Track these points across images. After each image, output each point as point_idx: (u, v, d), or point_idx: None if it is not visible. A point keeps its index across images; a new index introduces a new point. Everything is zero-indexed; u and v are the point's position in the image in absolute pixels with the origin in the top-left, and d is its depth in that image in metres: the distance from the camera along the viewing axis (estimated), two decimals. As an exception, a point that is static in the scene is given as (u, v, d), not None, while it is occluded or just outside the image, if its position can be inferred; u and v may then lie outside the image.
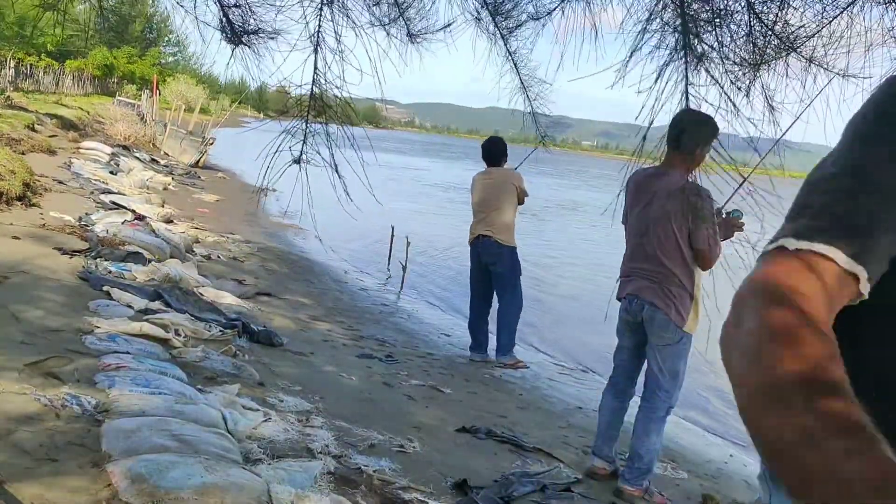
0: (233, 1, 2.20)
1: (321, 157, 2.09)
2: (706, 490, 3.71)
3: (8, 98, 19.52)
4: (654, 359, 3.34)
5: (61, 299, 4.12)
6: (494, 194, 5.50)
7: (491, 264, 5.58)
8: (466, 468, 3.25)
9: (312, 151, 2.10)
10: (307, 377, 4.16)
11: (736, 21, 1.92)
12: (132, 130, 19.73)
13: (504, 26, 2.49)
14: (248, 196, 15.36)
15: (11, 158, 7.44)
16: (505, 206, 5.49)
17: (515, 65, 2.54)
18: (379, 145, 2.37)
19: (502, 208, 5.49)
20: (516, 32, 2.52)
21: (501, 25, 2.49)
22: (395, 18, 2.41)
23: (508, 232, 5.53)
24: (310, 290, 7.40)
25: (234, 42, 2.23)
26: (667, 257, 3.19)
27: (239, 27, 2.22)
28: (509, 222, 5.53)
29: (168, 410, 2.75)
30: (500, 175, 5.57)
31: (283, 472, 2.53)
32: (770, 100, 1.91)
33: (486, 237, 5.51)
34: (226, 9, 2.20)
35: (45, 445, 2.32)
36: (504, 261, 5.55)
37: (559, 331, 7.82)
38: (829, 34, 1.92)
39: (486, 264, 5.61)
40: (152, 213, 8.24)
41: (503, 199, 5.49)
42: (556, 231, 13.28)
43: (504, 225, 5.51)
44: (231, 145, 23.81)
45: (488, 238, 5.50)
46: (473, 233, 5.63)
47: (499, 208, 5.49)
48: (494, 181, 5.54)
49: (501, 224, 5.50)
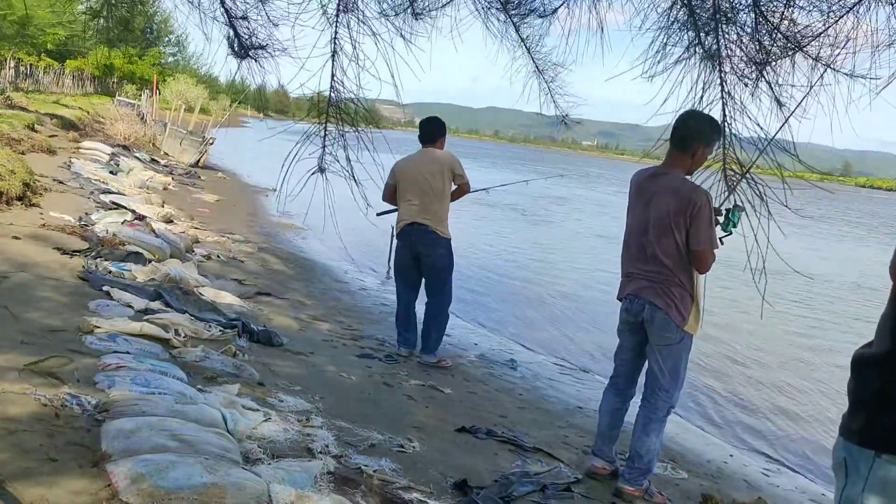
0: (240, 13, 2.20)
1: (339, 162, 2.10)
2: (706, 490, 3.70)
3: (8, 98, 19.52)
4: (654, 359, 3.34)
5: (61, 299, 4.12)
6: (434, 180, 5.04)
7: (426, 255, 5.15)
8: (466, 468, 3.25)
9: (332, 159, 2.11)
10: (307, 377, 4.16)
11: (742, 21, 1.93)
12: (132, 130, 19.73)
13: (514, 14, 2.48)
14: (249, 196, 15.37)
15: (11, 158, 7.44)
16: (445, 194, 5.09)
17: (528, 49, 2.53)
18: (379, 145, 2.38)
19: (443, 196, 5.08)
20: (528, 20, 2.51)
21: (512, 13, 2.48)
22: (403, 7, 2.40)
23: (445, 222, 5.15)
24: (310, 289, 7.40)
25: (241, 56, 2.23)
26: (667, 257, 3.19)
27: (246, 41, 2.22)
28: (447, 211, 5.14)
29: (168, 410, 2.75)
30: (439, 157, 5.10)
31: (283, 472, 2.53)
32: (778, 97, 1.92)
33: (422, 226, 5.07)
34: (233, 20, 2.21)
35: (45, 445, 2.32)
36: (441, 253, 5.15)
37: (559, 330, 7.82)
38: (836, 34, 1.92)
39: (419, 254, 5.16)
40: (152, 213, 8.24)
41: (444, 186, 5.07)
42: (556, 230, 13.30)
43: (444, 214, 5.12)
44: (230, 145, 23.82)
45: (425, 227, 5.07)
46: (406, 220, 5.14)
47: (440, 196, 5.06)
48: (433, 164, 5.06)
49: (441, 213, 5.10)
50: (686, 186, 3.14)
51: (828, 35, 1.94)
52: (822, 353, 8.09)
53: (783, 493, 4.28)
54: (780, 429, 5.55)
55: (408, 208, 5.13)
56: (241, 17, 2.21)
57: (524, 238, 14.32)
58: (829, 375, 7.21)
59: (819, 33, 1.94)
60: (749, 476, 4.43)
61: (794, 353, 8.01)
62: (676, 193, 3.13)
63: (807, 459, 5.04)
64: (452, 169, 5.09)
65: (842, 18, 1.90)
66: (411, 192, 5.10)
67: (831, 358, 7.91)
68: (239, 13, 2.20)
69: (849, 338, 9.15)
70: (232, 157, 22.59)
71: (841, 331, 9.56)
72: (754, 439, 5.29)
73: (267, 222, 11.76)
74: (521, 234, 14.68)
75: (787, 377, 6.96)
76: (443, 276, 5.25)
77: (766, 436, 5.38)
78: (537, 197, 23.67)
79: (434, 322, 5.32)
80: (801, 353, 8.00)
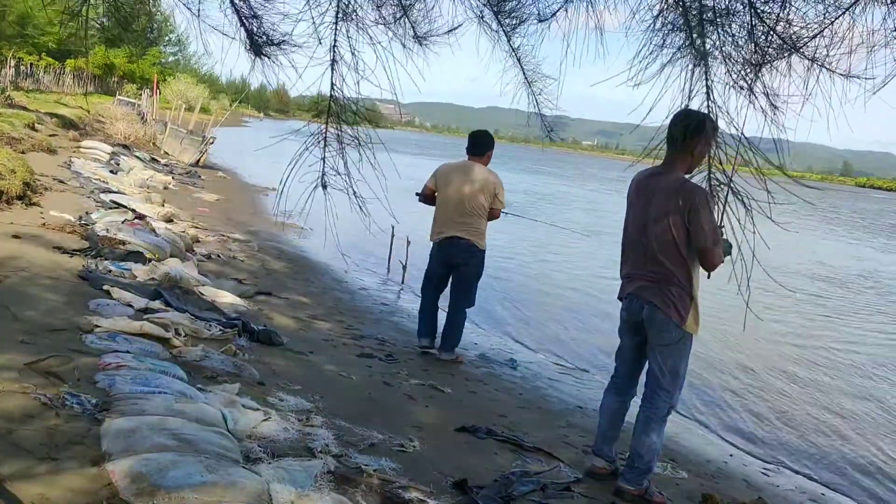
0: (251, 12, 2.20)
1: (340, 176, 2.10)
2: (706, 490, 3.70)
3: (8, 97, 19.54)
4: (654, 359, 3.34)
5: (61, 298, 4.12)
6: (478, 196, 5.17)
7: (463, 264, 5.32)
8: (466, 467, 3.25)
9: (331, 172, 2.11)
10: (307, 376, 4.16)
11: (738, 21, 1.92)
12: (132, 130, 19.74)
13: (507, 24, 2.49)
14: (249, 195, 15.37)
15: (12, 157, 7.45)
16: (486, 211, 5.23)
17: (519, 60, 2.54)
18: (378, 145, 2.38)
19: (484, 213, 5.23)
20: (519, 29, 2.52)
21: (504, 23, 2.49)
22: (398, 18, 2.42)
23: (484, 235, 5.30)
24: (310, 289, 7.40)
25: (256, 53, 2.24)
26: (666, 257, 3.18)
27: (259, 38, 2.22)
28: (486, 225, 5.30)
29: (168, 409, 2.74)
30: (485, 176, 5.21)
31: (283, 471, 2.53)
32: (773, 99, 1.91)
33: (462, 240, 5.23)
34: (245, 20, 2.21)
35: (46, 444, 2.32)
36: (477, 263, 5.33)
37: (559, 330, 7.82)
38: (832, 34, 1.92)
39: (457, 265, 5.34)
40: (152, 212, 8.24)
41: (486, 205, 5.20)
42: (556, 229, 13.28)
43: (484, 228, 5.28)
44: (231, 145, 23.83)
45: (466, 241, 5.23)
46: (445, 233, 5.27)
47: (481, 214, 5.21)
48: (480, 182, 5.18)
49: (482, 228, 5.27)
50: (685, 186, 3.13)
51: (823, 36, 1.94)
52: (822, 353, 8.09)
53: (783, 493, 4.28)
54: (780, 428, 5.55)
55: (449, 220, 5.27)
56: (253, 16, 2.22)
57: (523, 237, 14.31)
58: (829, 375, 7.21)
59: (815, 34, 1.94)
60: (749, 476, 4.43)
61: (794, 353, 8.01)
62: (675, 193, 3.13)
63: (807, 459, 5.04)
64: (496, 193, 5.23)
65: (837, 20, 1.91)
66: (453, 205, 5.23)
67: (831, 357, 7.93)
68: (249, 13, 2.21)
69: (849, 338, 9.16)
70: (232, 157, 22.59)
71: (840, 331, 9.57)
72: (754, 439, 5.29)
73: (267, 222, 11.76)
74: (520, 232, 14.65)
75: (787, 376, 6.96)
76: (473, 284, 5.46)
77: (766, 435, 5.38)
78: (535, 194, 23.65)
79: (456, 323, 5.52)
80: (800, 353, 8.00)
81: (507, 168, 46.90)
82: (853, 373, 7.46)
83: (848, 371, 7.50)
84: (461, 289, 5.45)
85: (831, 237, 24.47)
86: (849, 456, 5.17)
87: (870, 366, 7.81)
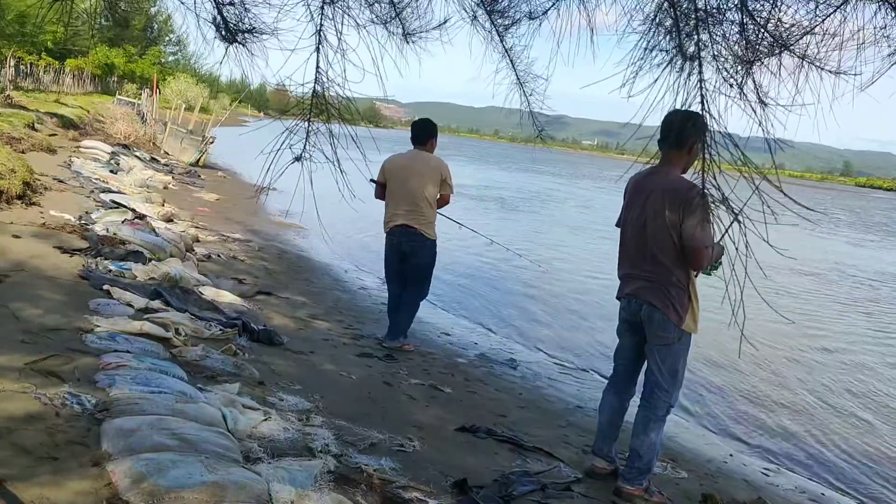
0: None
1: (323, 154, 2.09)
2: (706, 489, 3.71)
3: (8, 97, 19.54)
4: (653, 358, 3.34)
5: (61, 298, 4.12)
6: (425, 185, 5.19)
7: (412, 255, 5.32)
8: (466, 467, 3.26)
9: (315, 150, 2.10)
10: (307, 376, 4.16)
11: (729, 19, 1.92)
12: (132, 129, 19.73)
13: (500, 24, 2.48)
14: (249, 195, 15.37)
15: (11, 157, 7.45)
16: (435, 198, 5.24)
17: (512, 61, 2.54)
18: (379, 145, 2.38)
19: (433, 201, 5.24)
20: (512, 30, 2.51)
21: (497, 23, 2.48)
22: (392, 17, 2.41)
23: (433, 225, 5.32)
24: (309, 288, 7.40)
25: (229, 40, 2.22)
26: (664, 256, 3.18)
27: (234, 25, 2.21)
28: (435, 214, 5.31)
29: (168, 409, 2.75)
30: (433, 163, 5.27)
31: (283, 471, 2.53)
32: (763, 97, 1.91)
33: (411, 228, 5.23)
34: (220, 6, 2.19)
35: (46, 444, 2.32)
36: (427, 254, 5.33)
37: (559, 330, 7.82)
38: (823, 32, 1.92)
39: (406, 253, 5.32)
40: (152, 212, 8.24)
41: (435, 192, 5.23)
42: (555, 229, 13.27)
43: (432, 217, 5.29)
44: (231, 145, 23.81)
45: (414, 230, 5.23)
46: (395, 221, 5.28)
47: (430, 201, 5.22)
48: (426, 169, 5.22)
49: (430, 216, 5.27)
50: (681, 184, 3.13)
51: (815, 34, 1.94)
52: (821, 352, 8.09)
53: (783, 492, 4.28)
54: (780, 428, 5.56)
55: (397, 210, 5.28)
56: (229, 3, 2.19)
57: (522, 236, 14.33)
58: (829, 375, 7.21)
59: (806, 32, 1.94)
60: (749, 476, 4.43)
61: (793, 351, 8.00)
62: (672, 192, 3.13)
63: (807, 459, 5.04)
64: (445, 178, 5.27)
65: (828, 17, 1.91)
66: (401, 194, 5.24)
67: (831, 356, 7.93)
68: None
69: (848, 338, 9.16)
70: (232, 156, 22.57)
71: (838, 329, 9.57)
72: (754, 439, 5.29)
73: (267, 221, 11.76)
74: (519, 232, 14.69)
75: (786, 377, 6.96)
76: (425, 274, 5.45)
77: (766, 435, 5.39)
78: (534, 193, 23.65)
79: (407, 311, 5.53)
80: (801, 353, 8.00)
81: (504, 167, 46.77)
82: (855, 372, 7.47)
83: (850, 371, 7.51)
84: (414, 279, 5.44)
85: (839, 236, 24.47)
86: (849, 456, 5.17)
87: (880, 366, 7.81)
